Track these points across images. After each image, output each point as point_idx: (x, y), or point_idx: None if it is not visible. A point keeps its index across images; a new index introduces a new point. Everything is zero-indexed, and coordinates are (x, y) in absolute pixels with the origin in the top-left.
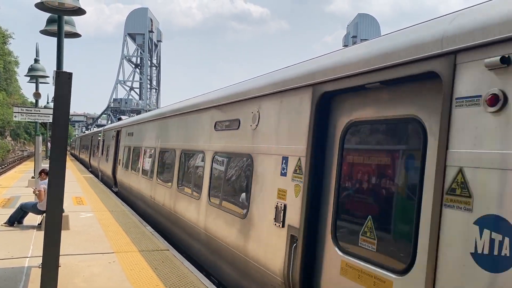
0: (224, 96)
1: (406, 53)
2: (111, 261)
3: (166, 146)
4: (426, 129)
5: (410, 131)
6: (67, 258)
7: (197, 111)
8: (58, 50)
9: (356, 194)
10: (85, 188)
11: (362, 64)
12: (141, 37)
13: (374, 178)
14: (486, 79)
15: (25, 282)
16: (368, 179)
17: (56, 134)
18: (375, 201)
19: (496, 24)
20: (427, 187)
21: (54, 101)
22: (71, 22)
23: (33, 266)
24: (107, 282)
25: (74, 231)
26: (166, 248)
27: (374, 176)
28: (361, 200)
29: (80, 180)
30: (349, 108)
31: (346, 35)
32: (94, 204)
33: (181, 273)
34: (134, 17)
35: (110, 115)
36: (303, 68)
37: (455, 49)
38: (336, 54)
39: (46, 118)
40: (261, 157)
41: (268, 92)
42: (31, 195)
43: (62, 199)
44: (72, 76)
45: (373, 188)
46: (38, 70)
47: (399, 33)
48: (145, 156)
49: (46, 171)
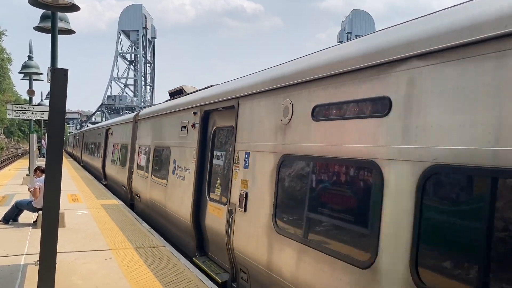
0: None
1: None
2: (107, 258)
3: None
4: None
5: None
6: (63, 255)
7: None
8: (52, 47)
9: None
10: (80, 185)
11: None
12: (135, 34)
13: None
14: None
15: (21, 280)
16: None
17: (52, 132)
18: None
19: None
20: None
21: (50, 98)
22: (65, 19)
23: (29, 264)
24: (104, 279)
25: (70, 229)
26: (163, 245)
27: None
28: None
29: (76, 178)
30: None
31: (341, 32)
32: (90, 202)
33: (177, 270)
34: (128, 13)
35: (105, 112)
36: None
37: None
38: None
39: (40, 116)
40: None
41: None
42: (26, 193)
43: (59, 196)
44: (68, 73)
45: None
46: (32, 67)
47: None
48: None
49: (41, 169)
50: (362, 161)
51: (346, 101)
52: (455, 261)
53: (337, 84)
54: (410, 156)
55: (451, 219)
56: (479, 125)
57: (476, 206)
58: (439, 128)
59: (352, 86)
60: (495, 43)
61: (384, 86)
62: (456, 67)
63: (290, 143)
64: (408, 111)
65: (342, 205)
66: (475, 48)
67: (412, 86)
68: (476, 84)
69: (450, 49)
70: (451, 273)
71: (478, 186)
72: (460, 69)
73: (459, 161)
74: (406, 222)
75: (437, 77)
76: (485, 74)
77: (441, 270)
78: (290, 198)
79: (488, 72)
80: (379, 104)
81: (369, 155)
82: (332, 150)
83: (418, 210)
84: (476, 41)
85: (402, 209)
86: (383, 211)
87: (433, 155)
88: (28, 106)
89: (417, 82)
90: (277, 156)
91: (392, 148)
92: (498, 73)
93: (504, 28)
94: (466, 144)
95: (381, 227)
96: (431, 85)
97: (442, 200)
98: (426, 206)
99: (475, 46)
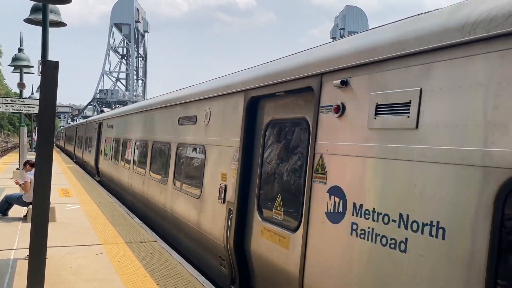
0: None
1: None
2: (98, 253)
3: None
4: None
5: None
6: (53, 250)
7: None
8: (43, 39)
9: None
10: (71, 179)
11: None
12: (128, 27)
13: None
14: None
15: (11, 275)
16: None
17: (42, 125)
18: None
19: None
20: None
21: (41, 91)
22: (56, 11)
23: (19, 259)
24: (94, 274)
25: (61, 223)
26: (154, 240)
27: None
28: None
29: (66, 171)
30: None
31: (334, 27)
32: (81, 196)
33: (169, 264)
34: (120, 6)
35: (96, 106)
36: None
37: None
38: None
39: (31, 109)
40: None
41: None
42: (16, 187)
43: (49, 190)
44: (58, 65)
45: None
46: (22, 59)
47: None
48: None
49: (31, 163)
50: None
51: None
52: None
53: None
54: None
55: None
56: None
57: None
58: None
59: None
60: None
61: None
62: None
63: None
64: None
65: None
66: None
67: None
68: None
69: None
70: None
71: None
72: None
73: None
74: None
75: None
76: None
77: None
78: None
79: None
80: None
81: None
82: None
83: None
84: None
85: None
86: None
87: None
88: (18, 99)
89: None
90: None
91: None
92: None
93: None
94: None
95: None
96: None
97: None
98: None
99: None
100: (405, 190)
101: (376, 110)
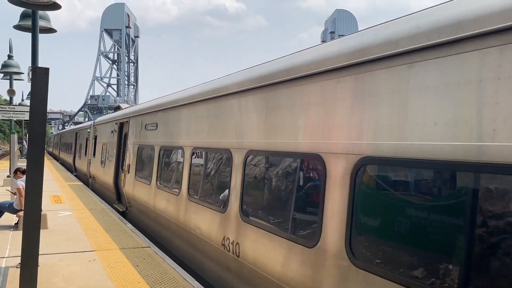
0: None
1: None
2: (91, 259)
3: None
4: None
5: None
6: (45, 257)
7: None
8: (32, 46)
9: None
10: (63, 186)
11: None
12: (118, 33)
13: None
14: None
15: (3, 283)
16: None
17: (33, 132)
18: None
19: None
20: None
21: (31, 97)
22: (46, 17)
23: (11, 267)
24: (87, 281)
25: (53, 230)
26: (147, 245)
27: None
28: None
29: (58, 179)
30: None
31: (324, 31)
32: (73, 203)
33: (162, 270)
34: (110, 12)
35: (87, 112)
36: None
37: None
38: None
39: (21, 116)
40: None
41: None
42: (6, 194)
43: (41, 197)
44: (49, 72)
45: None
46: (12, 66)
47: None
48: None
49: (22, 170)
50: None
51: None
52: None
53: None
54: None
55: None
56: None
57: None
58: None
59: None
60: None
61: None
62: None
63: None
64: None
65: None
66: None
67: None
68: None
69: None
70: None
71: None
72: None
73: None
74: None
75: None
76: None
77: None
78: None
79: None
80: None
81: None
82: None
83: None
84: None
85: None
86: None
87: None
88: (8, 106)
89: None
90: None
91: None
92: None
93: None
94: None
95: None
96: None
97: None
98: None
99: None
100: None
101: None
